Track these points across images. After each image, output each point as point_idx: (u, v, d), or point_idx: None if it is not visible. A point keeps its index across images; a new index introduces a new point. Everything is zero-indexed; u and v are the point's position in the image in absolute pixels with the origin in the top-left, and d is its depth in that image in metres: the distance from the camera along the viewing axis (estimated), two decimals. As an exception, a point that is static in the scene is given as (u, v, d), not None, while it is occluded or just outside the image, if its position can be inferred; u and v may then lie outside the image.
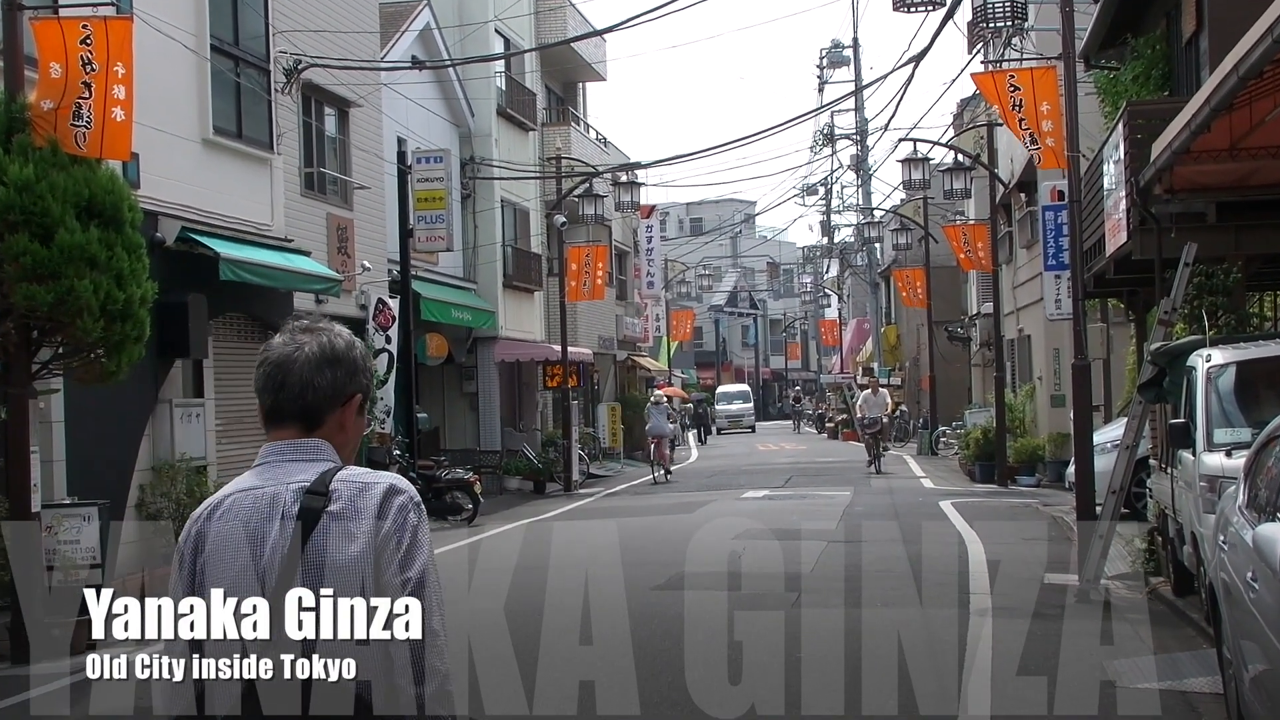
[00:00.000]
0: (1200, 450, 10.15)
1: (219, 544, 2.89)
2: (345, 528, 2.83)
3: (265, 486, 2.90)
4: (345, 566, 2.80)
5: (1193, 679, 8.72)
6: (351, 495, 2.86)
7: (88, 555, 11.92)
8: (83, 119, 11.55)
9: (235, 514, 2.89)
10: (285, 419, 2.95)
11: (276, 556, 2.83)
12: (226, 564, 2.86)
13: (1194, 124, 9.99)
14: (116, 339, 11.40)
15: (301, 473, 2.90)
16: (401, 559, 2.85)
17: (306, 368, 2.94)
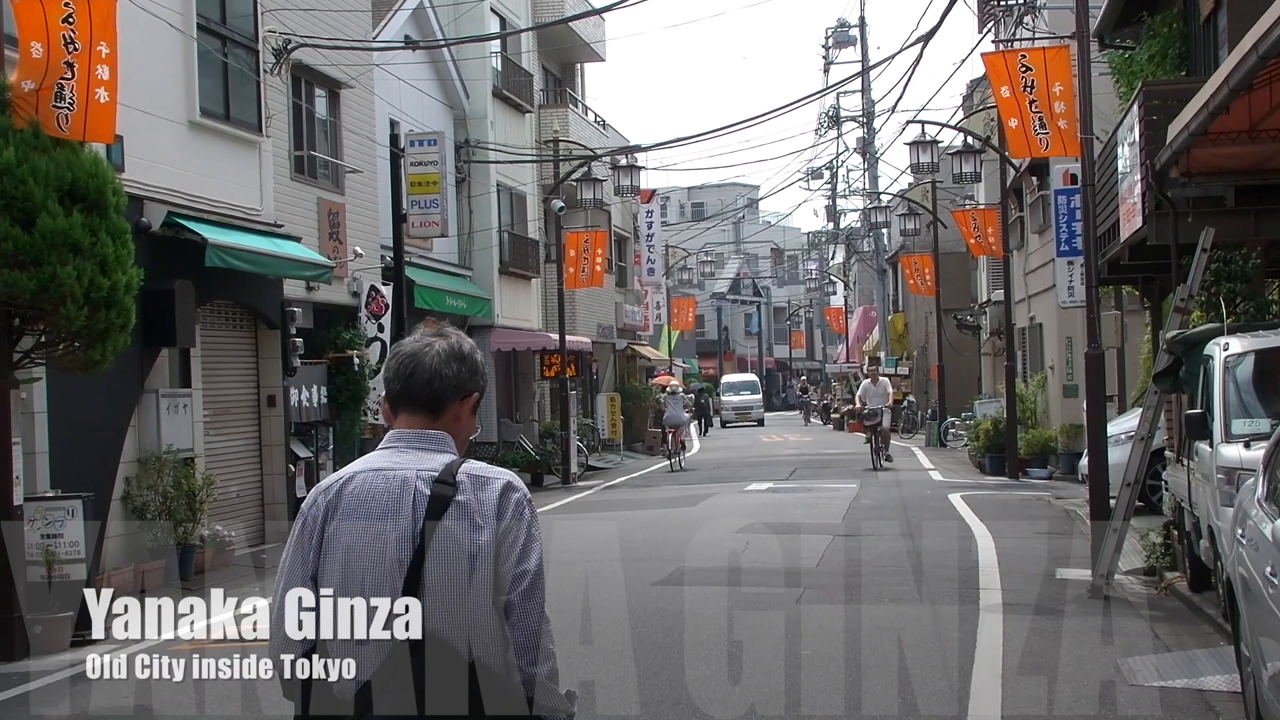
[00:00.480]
0: (1218, 441, 10.14)
1: (352, 511, 3.25)
2: (470, 517, 3.21)
3: (396, 469, 3.27)
4: (471, 552, 3.18)
5: (1209, 677, 8.72)
6: (475, 488, 3.24)
7: (72, 550, 11.91)
8: (65, 100, 11.51)
9: (368, 490, 3.26)
10: (412, 405, 3.36)
11: (407, 535, 3.19)
12: (359, 531, 3.22)
13: (1212, 105, 9.96)
14: (101, 327, 11.38)
15: (429, 460, 3.28)
16: (520, 553, 3.22)
17: (436, 360, 3.37)
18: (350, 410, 22.10)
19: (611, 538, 18.18)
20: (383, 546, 3.22)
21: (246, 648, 11.08)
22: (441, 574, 3.18)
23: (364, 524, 3.24)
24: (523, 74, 33.63)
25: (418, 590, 3.19)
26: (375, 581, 3.22)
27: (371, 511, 3.24)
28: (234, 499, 17.91)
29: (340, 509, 3.28)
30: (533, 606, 3.23)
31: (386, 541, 3.22)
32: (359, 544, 3.24)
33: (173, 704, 9.16)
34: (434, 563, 3.19)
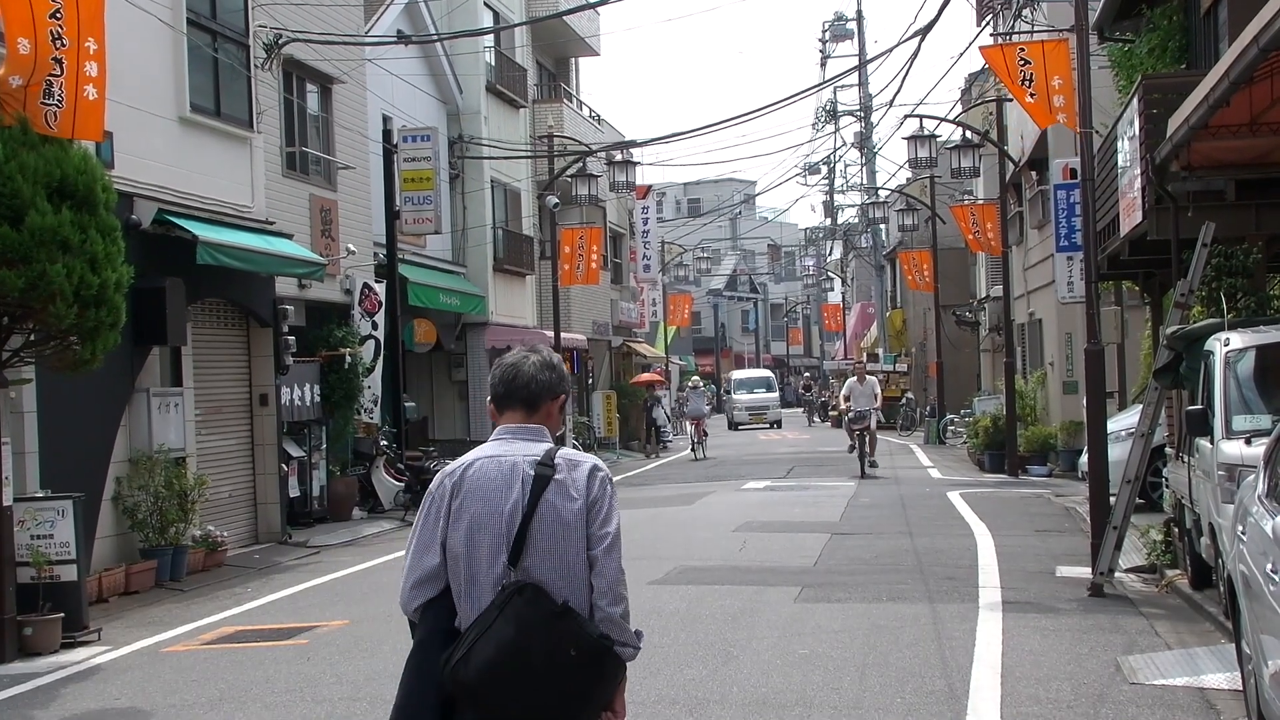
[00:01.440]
0: (1218, 438, 10.15)
1: (474, 490, 4.15)
2: (567, 491, 4.12)
3: (506, 455, 4.19)
4: (567, 519, 4.10)
5: (1210, 675, 8.73)
6: (569, 468, 4.16)
7: (62, 550, 11.91)
8: (54, 97, 11.49)
9: (486, 472, 4.17)
10: (514, 404, 4.29)
11: (518, 505, 4.09)
12: (478, 502, 4.12)
13: (1212, 98, 9.96)
14: (90, 325, 11.36)
15: (532, 448, 4.19)
16: (603, 518, 4.15)
17: (532, 369, 4.29)
18: (343, 409, 22.10)
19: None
20: (498, 515, 4.10)
21: (241, 648, 11.08)
22: (544, 535, 4.08)
23: (483, 499, 4.13)
24: (517, 69, 33.61)
25: (525, 549, 4.07)
26: (492, 542, 4.09)
27: (489, 489, 4.14)
28: (226, 499, 17.91)
29: (464, 488, 4.17)
30: (612, 560, 4.18)
31: (501, 512, 4.11)
32: (480, 514, 4.12)
33: (164, 704, 9.17)
34: (538, 527, 4.08)
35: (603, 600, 4.16)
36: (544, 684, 4.01)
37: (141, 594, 14.61)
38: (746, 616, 11.41)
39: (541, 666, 4.00)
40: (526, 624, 4.01)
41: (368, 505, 22.36)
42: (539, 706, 4.02)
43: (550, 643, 4.01)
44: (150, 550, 15.26)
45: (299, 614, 12.85)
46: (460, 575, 4.14)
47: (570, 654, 4.04)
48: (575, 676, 4.06)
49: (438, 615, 4.20)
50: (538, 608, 4.03)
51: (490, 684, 3.99)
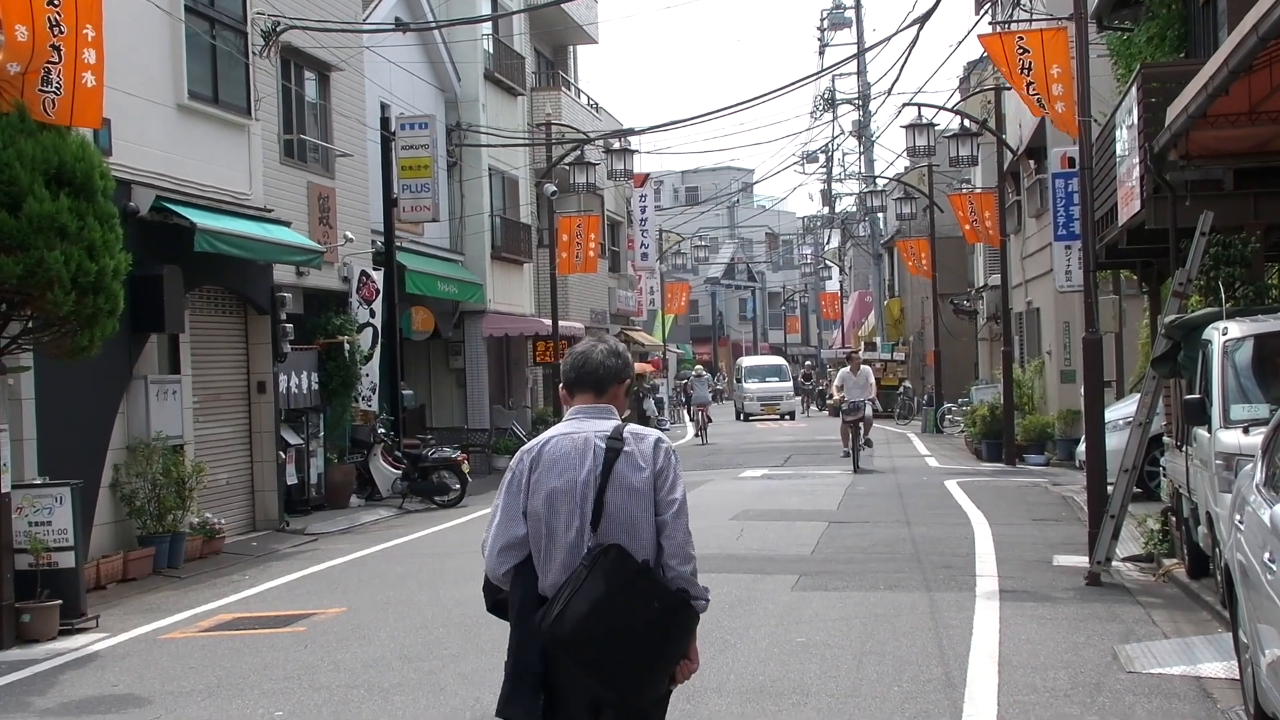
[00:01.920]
0: (1216, 427, 10.16)
1: (551, 463, 4.64)
2: (635, 462, 4.61)
3: (579, 432, 4.69)
4: (637, 487, 4.60)
5: (1207, 664, 8.74)
6: (636, 441, 4.65)
7: (60, 537, 11.91)
8: (52, 85, 11.47)
9: (561, 447, 4.68)
10: (584, 387, 4.80)
11: (591, 476, 4.59)
12: (556, 475, 4.62)
13: (1211, 87, 9.95)
14: (88, 313, 11.36)
15: (602, 425, 4.70)
16: (669, 486, 4.64)
17: (600, 355, 4.81)
18: (341, 396, 22.10)
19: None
20: (574, 486, 4.60)
21: (239, 636, 11.11)
22: (616, 503, 4.58)
23: (560, 471, 4.62)
24: (515, 56, 33.56)
25: (600, 516, 4.56)
26: (569, 511, 4.59)
27: (565, 462, 4.64)
28: (224, 486, 17.91)
29: (541, 463, 4.66)
30: (679, 524, 4.64)
31: (577, 482, 4.60)
32: (557, 485, 4.61)
33: (162, 691, 9.18)
34: (611, 495, 4.57)
35: (673, 560, 4.63)
36: (632, 635, 4.48)
37: (139, 581, 14.62)
38: (743, 605, 11.42)
39: (629, 619, 4.48)
40: (614, 581, 4.47)
41: (365, 493, 22.36)
42: (630, 656, 4.49)
43: (635, 598, 4.50)
44: (148, 537, 15.27)
45: (296, 601, 12.86)
46: (540, 541, 4.63)
47: (654, 606, 4.53)
48: (659, 627, 4.55)
49: (526, 581, 4.65)
50: (623, 566, 4.51)
51: (585, 637, 4.44)
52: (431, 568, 14.64)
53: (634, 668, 4.52)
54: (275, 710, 8.47)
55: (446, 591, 12.80)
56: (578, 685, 4.55)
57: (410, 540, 17.58)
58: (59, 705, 9.10)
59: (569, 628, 4.44)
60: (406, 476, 22.32)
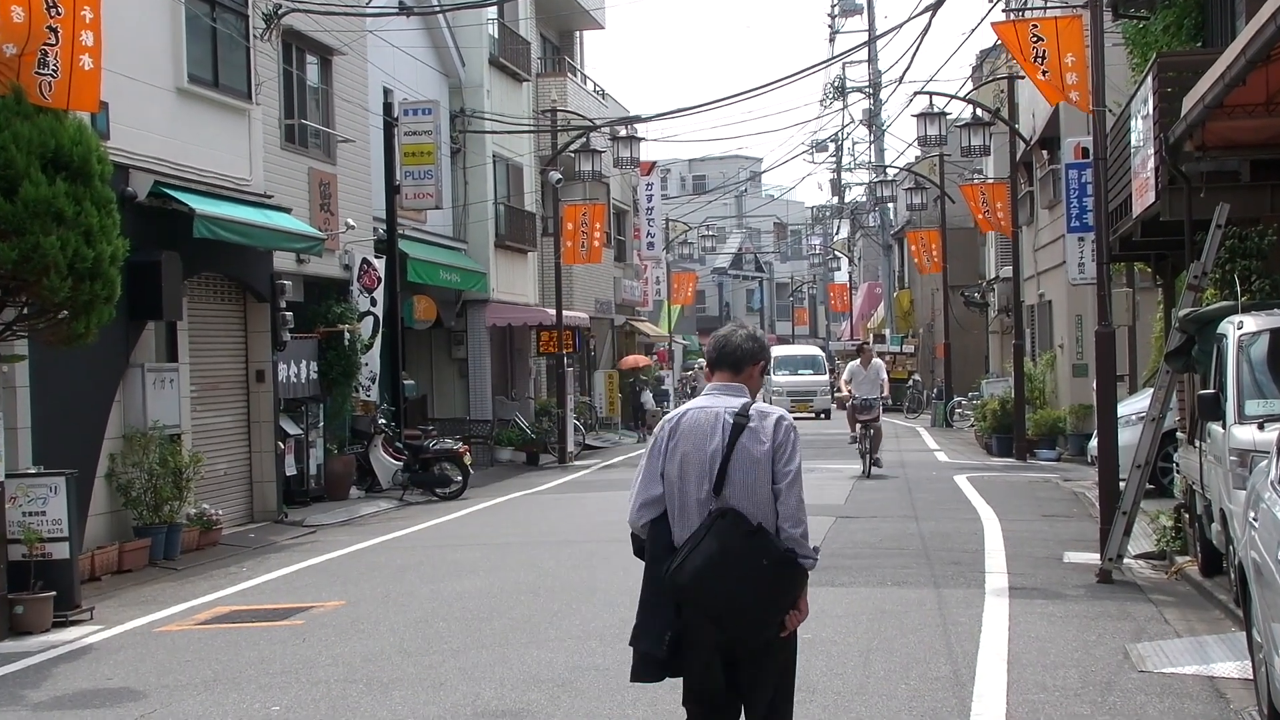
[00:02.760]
0: (1230, 422, 10.14)
1: (686, 433, 5.42)
2: (757, 436, 5.33)
3: (712, 407, 5.46)
4: (758, 458, 5.31)
5: (1220, 663, 8.72)
6: (760, 418, 5.37)
7: (54, 528, 11.89)
8: (49, 67, 11.46)
9: (696, 420, 5.44)
10: (723, 366, 5.56)
11: (719, 447, 5.33)
12: (689, 443, 5.38)
13: (1228, 76, 9.91)
14: (85, 299, 11.34)
15: (733, 402, 5.45)
16: (786, 458, 5.33)
17: (739, 339, 5.58)
18: (341, 386, 22.09)
19: (609, 518, 18.18)
20: (704, 454, 5.35)
21: (236, 629, 11.11)
22: (739, 471, 5.30)
23: (693, 441, 5.39)
24: (520, 42, 33.52)
25: (724, 481, 5.30)
26: (698, 475, 5.34)
27: (698, 433, 5.40)
28: (221, 477, 17.91)
29: (679, 432, 5.43)
30: (794, 491, 5.31)
31: (706, 451, 5.35)
32: (690, 453, 5.38)
33: (157, 684, 9.17)
34: (735, 464, 5.31)
35: (786, 523, 5.30)
36: (742, 586, 5.21)
37: (135, 573, 14.61)
38: (749, 600, 11.38)
39: (740, 573, 5.21)
40: (727, 540, 5.23)
41: (365, 484, 22.37)
42: (739, 604, 5.24)
43: (747, 554, 5.23)
44: (144, 528, 15.27)
45: (295, 594, 12.85)
46: (674, 501, 5.40)
47: (764, 563, 5.24)
48: (768, 581, 5.26)
49: (660, 533, 5.41)
50: (736, 528, 5.25)
51: (699, 586, 5.23)
52: (432, 560, 14.63)
53: (744, 614, 5.25)
54: (272, 704, 8.47)
55: (447, 585, 12.79)
56: (700, 635, 5.31)
57: (411, 532, 17.58)
58: (52, 699, 9.10)
59: (687, 578, 5.24)
60: (407, 468, 22.32)
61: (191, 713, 8.38)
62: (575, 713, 7.98)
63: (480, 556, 14.81)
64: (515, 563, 14.14)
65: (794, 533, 5.29)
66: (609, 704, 8.13)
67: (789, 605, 5.34)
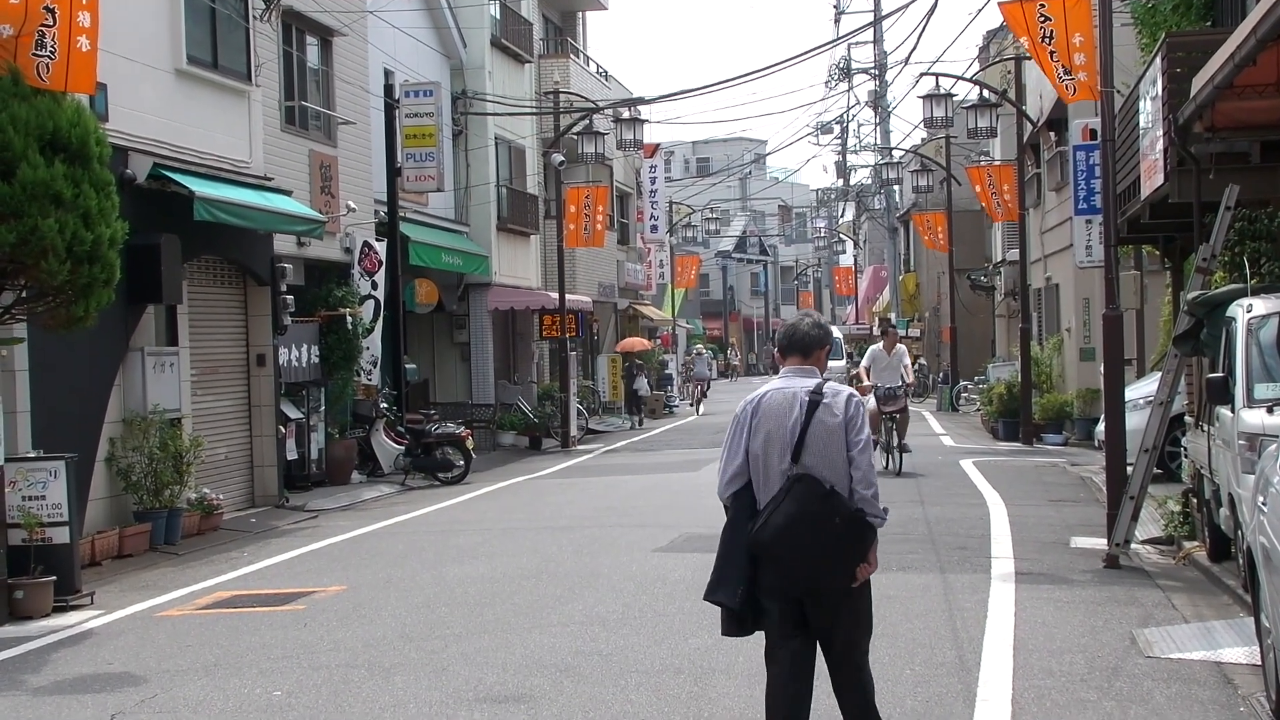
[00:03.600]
0: (1239, 406, 10.12)
1: (767, 411, 6.23)
2: (831, 411, 6.15)
3: (789, 387, 6.26)
4: (832, 429, 6.13)
5: (1228, 649, 8.72)
6: (832, 396, 6.19)
7: (54, 512, 11.92)
8: (46, 49, 11.44)
9: (775, 399, 6.25)
10: (794, 352, 6.37)
11: (797, 421, 6.14)
12: (771, 420, 6.19)
13: (1238, 56, 9.88)
14: (84, 282, 11.34)
15: (807, 382, 6.26)
16: (856, 429, 6.13)
17: (807, 327, 6.41)
18: (342, 370, 22.10)
19: (612, 503, 18.22)
20: (784, 428, 6.16)
21: (237, 614, 11.10)
22: (816, 441, 6.12)
23: (775, 417, 6.20)
24: (522, 22, 33.47)
25: (803, 450, 6.11)
26: (780, 446, 6.16)
27: (778, 410, 6.21)
28: (222, 461, 17.93)
29: (760, 410, 6.25)
30: (864, 458, 6.10)
31: (786, 425, 6.16)
32: (772, 428, 6.19)
33: (158, 669, 9.19)
34: (812, 435, 6.12)
35: (859, 486, 6.09)
36: (817, 541, 6.04)
37: (135, 557, 14.63)
38: (753, 585, 11.40)
39: (815, 530, 6.03)
40: (804, 501, 6.05)
41: (367, 469, 22.39)
42: (814, 557, 6.05)
43: (822, 513, 6.04)
44: (144, 513, 15.29)
45: (296, 579, 12.87)
46: (759, 471, 6.20)
47: (836, 521, 6.05)
48: (840, 536, 6.07)
49: (742, 500, 6.22)
50: (812, 490, 6.06)
51: (780, 542, 6.06)
52: (434, 545, 14.65)
53: (818, 566, 6.07)
54: (274, 690, 8.48)
55: (449, 570, 12.80)
56: (777, 588, 6.13)
57: (413, 517, 17.60)
58: (52, 683, 9.11)
59: (769, 535, 6.07)
60: (409, 452, 22.33)
61: (192, 697, 8.40)
62: (578, 698, 7.99)
63: (482, 541, 14.82)
64: (518, 548, 14.15)
65: (866, 494, 6.10)
66: (612, 689, 8.14)
67: (859, 558, 6.13)
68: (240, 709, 8.11)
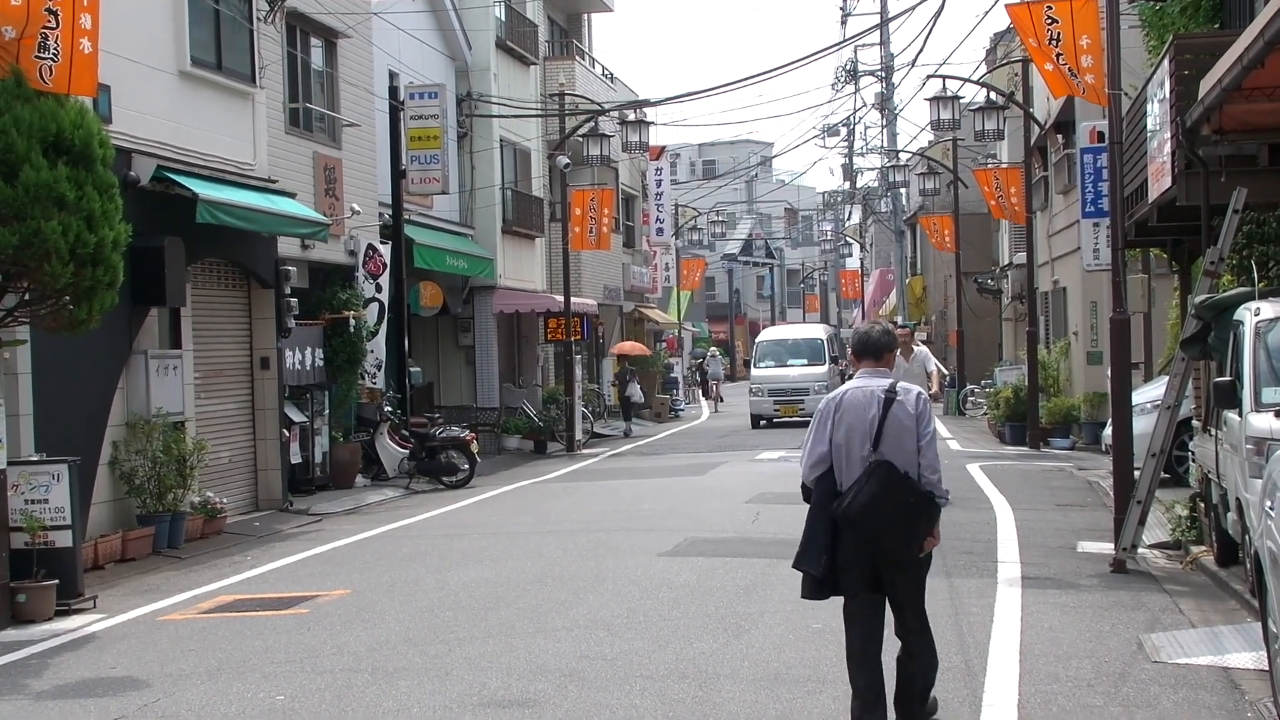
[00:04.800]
0: (1247, 410, 10.11)
1: (849, 407, 7.23)
2: (904, 407, 7.17)
3: (866, 386, 7.27)
4: (905, 423, 7.14)
5: (1235, 654, 8.72)
6: (904, 394, 7.22)
7: (57, 516, 11.92)
8: (49, 51, 11.44)
9: (855, 396, 7.25)
10: (868, 356, 7.41)
11: (875, 416, 7.15)
12: (851, 415, 7.20)
13: (1246, 59, 9.87)
14: (87, 285, 11.34)
15: (882, 382, 7.28)
16: (925, 424, 7.18)
17: (877, 333, 7.47)
18: (347, 373, 22.12)
19: (617, 507, 18.21)
20: (864, 421, 7.19)
21: (240, 618, 11.12)
22: (892, 433, 7.16)
23: (855, 412, 7.23)
24: (527, 24, 33.48)
25: (881, 440, 7.14)
26: (860, 437, 7.18)
27: (858, 407, 7.24)
28: (226, 465, 17.94)
29: (842, 407, 7.27)
30: (931, 448, 7.20)
31: (865, 419, 7.19)
32: (853, 421, 7.22)
33: (161, 674, 9.20)
34: (889, 428, 7.16)
35: (926, 471, 7.19)
36: (894, 517, 7.13)
37: (138, 561, 14.65)
38: (759, 590, 11.41)
39: (893, 506, 7.11)
40: (884, 483, 7.10)
41: (371, 473, 22.40)
42: (892, 529, 7.15)
43: (898, 493, 7.12)
44: (148, 517, 15.30)
45: (299, 583, 12.88)
46: (841, 458, 7.23)
47: (910, 500, 7.16)
48: (913, 512, 7.19)
49: (824, 483, 7.25)
50: (890, 474, 7.12)
51: (864, 517, 7.10)
52: (439, 549, 14.65)
53: (894, 537, 7.17)
54: (277, 694, 8.49)
55: (454, 574, 12.81)
56: (857, 555, 7.18)
57: (417, 521, 17.60)
58: (55, 688, 9.12)
59: (855, 512, 7.09)
60: (414, 456, 22.34)
61: (195, 702, 8.41)
62: (582, 703, 8.00)
63: (487, 545, 14.82)
64: (522, 552, 14.16)
65: (932, 478, 7.19)
66: (616, 694, 8.15)
67: (926, 532, 7.23)
68: (243, 713, 8.12)
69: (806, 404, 35.04)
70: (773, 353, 38.94)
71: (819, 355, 38.58)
